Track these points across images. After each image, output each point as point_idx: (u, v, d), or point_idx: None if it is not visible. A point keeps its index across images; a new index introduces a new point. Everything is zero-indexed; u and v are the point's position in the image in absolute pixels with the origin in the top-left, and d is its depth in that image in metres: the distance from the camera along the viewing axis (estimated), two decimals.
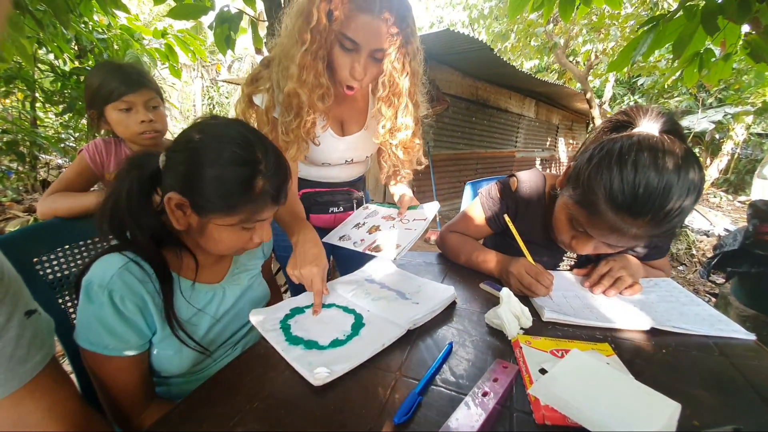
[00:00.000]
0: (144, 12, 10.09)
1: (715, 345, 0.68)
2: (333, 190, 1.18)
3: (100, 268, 0.61)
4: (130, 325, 0.61)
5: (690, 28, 1.38)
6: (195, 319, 0.71)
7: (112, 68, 1.10)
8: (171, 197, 0.62)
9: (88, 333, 0.59)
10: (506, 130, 7.10)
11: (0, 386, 0.41)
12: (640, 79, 8.87)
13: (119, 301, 0.59)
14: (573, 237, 0.84)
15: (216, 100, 11.91)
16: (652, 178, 0.66)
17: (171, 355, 0.66)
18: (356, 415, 0.49)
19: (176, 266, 0.70)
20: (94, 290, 0.59)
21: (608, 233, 0.75)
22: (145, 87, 1.10)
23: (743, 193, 8.22)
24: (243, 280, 0.82)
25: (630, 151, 0.68)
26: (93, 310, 0.59)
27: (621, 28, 6.64)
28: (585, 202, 0.75)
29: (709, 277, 2.02)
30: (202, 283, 0.74)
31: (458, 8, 11.61)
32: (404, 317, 0.70)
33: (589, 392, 0.49)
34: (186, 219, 0.65)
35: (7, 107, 3.49)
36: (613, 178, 0.69)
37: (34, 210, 3.63)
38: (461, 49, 4.27)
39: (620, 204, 0.69)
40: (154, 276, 0.64)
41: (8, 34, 1.06)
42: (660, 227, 0.69)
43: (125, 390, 0.62)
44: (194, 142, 0.63)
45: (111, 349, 0.60)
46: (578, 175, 0.77)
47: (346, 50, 0.84)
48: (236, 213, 0.64)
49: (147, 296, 0.62)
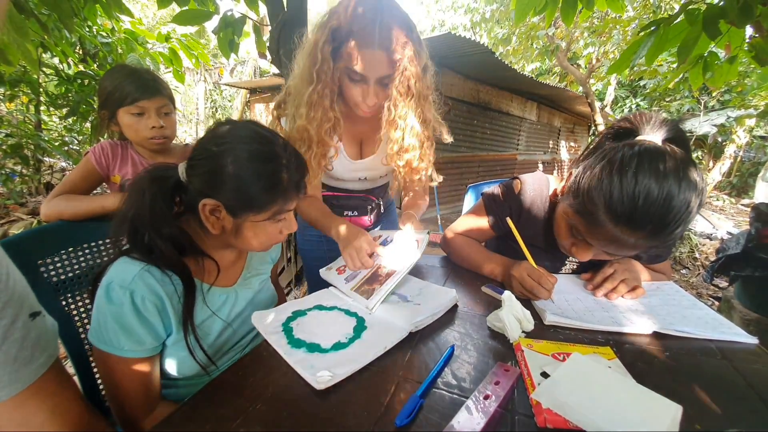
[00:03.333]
0: (147, 16, 10.17)
1: (717, 348, 0.67)
2: (349, 195, 1.21)
3: (121, 269, 0.62)
4: (148, 326, 0.62)
5: (694, 32, 1.38)
6: (208, 322, 0.72)
7: (128, 72, 1.12)
8: (205, 203, 0.64)
9: (105, 334, 0.60)
10: (508, 133, 7.11)
11: (4, 387, 0.41)
12: (642, 82, 8.87)
13: (140, 302, 0.60)
14: (573, 244, 0.84)
15: (218, 104, 11.95)
16: (653, 190, 0.64)
17: (184, 356, 0.67)
18: (358, 417, 0.49)
19: (196, 272, 0.71)
20: (115, 291, 0.60)
21: (607, 243, 0.74)
22: (159, 94, 1.12)
23: (746, 196, 8.19)
24: (254, 284, 0.84)
25: (631, 162, 0.67)
26: (112, 311, 0.59)
27: (623, 32, 6.65)
28: (584, 211, 0.74)
29: (712, 281, 2.01)
30: (216, 286, 0.75)
31: (460, 12, 11.66)
32: (406, 320, 0.70)
33: (590, 396, 0.49)
34: (220, 223, 0.67)
35: (12, 110, 3.51)
36: (614, 188, 0.68)
37: (38, 212, 3.65)
38: (463, 53, 4.29)
39: (619, 215, 0.68)
40: (175, 277, 0.65)
41: (13, 38, 1.07)
42: (659, 239, 0.69)
43: (135, 392, 0.63)
44: (216, 147, 0.65)
45: (126, 350, 0.60)
46: (578, 184, 0.76)
47: (355, 81, 0.89)
48: (269, 207, 0.68)
49: (166, 298, 0.63)
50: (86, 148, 3.27)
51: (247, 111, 8.81)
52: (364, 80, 0.88)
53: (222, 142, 0.65)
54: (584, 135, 10.96)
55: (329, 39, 0.85)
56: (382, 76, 0.88)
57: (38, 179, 3.91)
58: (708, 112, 7.97)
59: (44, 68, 2.92)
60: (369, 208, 1.24)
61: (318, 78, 0.89)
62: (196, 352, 0.67)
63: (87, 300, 0.85)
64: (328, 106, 0.92)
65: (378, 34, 0.82)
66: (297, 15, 1.81)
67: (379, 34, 0.82)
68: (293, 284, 2.73)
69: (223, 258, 0.76)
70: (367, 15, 0.82)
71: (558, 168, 9.64)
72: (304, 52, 0.92)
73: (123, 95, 1.08)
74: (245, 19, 1.86)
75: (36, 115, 3.29)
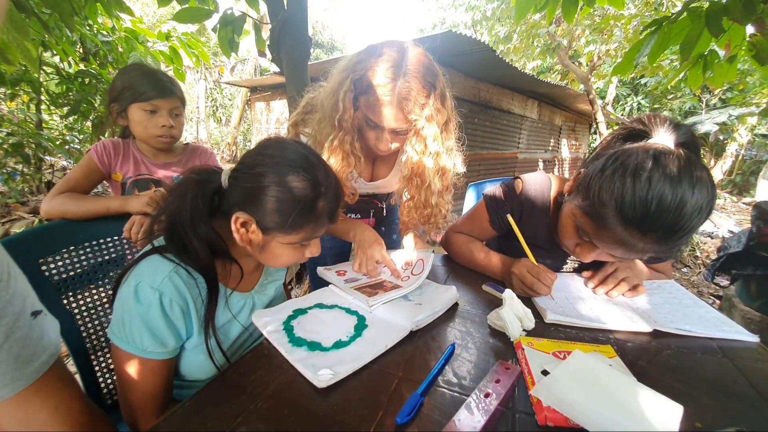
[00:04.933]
0: (148, 14, 10.16)
1: (718, 347, 0.68)
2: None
3: (150, 269, 0.63)
4: (172, 328, 0.62)
5: (696, 30, 1.37)
6: (227, 326, 0.73)
7: (146, 71, 1.15)
8: (238, 216, 0.65)
9: (129, 333, 0.60)
10: (509, 131, 7.09)
11: (6, 386, 0.41)
12: (643, 79, 8.84)
13: (168, 304, 0.61)
14: (577, 245, 0.83)
15: (219, 102, 11.94)
16: (666, 195, 0.64)
17: (203, 359, 0.68)
18: (359, 415, 0.49)
19: (222, 276, 0.72)
20: (144, 291, 0.60)
21: (614, 246, 0.73)
22: (173, 95, 1.16)
23: (748, 195, 8.17)
24: (270, 290, 0.85)
25: (645, 165, 0.66)
26: (140, 311, 0.60)
27: (624, 29, 6.63)
28: (594, 213, 0.73)
29: (713, 280, 2.01)
30: (236, 291, 0.76)
31: (461, 9, 11.63)
32: (407, 318, 0.70)
33: (591, 394, 0.50)
34: (248, 236, 0.68)
35: (13, 109, 3.52)
36: (626, 191, 0.67)
37: (39, 211, 3.65)
38: (464, 51, 4.28)
39: (630, 219, 0.67)
40: (200, 281, 0.66)
41: (14, 37, 1.07)
42: (667, 244, 0.68)
43: (149, 392, 0.63)
44: (262, 165, 0.66)
45: (149, 351, 0.61)
46: (589, 185, 0.75)
47: (371, 127, 0.91)
48: (299, 232, 0.68)
49: (191, 301, 0.64)
50: (87, 147, 3.28)
51: (248, 109, 8.80)
52: (379, 128, 0.90)
53: (269, 161, 0.66)
54: (585, 133, 10.94)
55: (351, 88, 0.87)
56: (397, 129, 0.89)
57: (39, 178, 3.91)
58: (710, 110, 7.95)
59: (45, 67, 2.91)
60: (372, 211, 1.27)
61: (339, 126, 0.91)
62: (216, 355, 0.67)
63: (88, 298, 0.85)
64: (349, 150, 0.94)
65: (396, 93, 0.82)
66: (297, 13, 1.81)
67: (397, 92, 0.82)
68: (294, 283, 2.74)
69: (247, 264, 0.78)
70: (388, 72, 0.82)
71: (559, 166, 9.62)
72: (326, 91, 0.93)
73: (139, 91, 1.11)
74: (245, 17, 1.85)
75: (37, 114, 3.29)
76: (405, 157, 0.97)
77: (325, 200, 0.68)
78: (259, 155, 0.68)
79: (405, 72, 0.82)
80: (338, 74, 0.90)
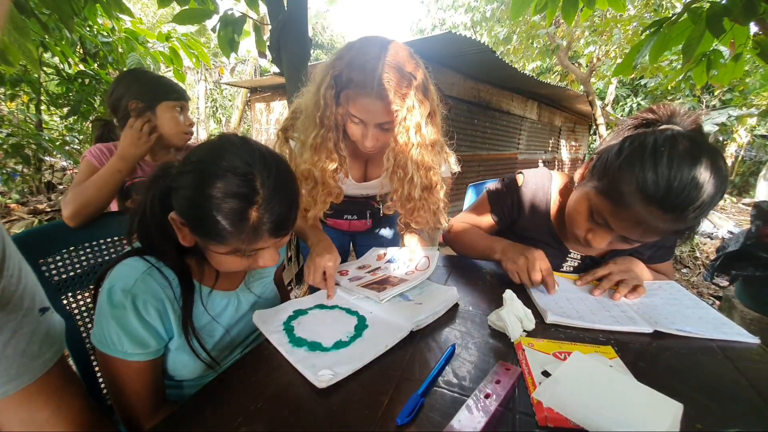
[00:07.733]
0: (148, 15, 10.16)
1: (718, 348, 0.67)
2: (350, 200, 1.20)
3: (123, 272, 0.62)
4: (150, 330, 0.62)
5: (698, 30, 1.37)
6: (210, 326, 0.72)
7: (161, 76, 1.27)
8: (173, 218, 0.63)
9: (108, 336, 0.59)
10: (508, 132, 7.09)
11: (11, 381, 0.41)
12: (643, 80, 8.85)
13: (142, 306, 0.60)
14: (589, 230, 0.83)
15: (219, 103, 11.94)
16: (687, 173, 0.66)
17: (186, 360, 0.67)
18: (359, 416, 0.49)
19: (197, 274, 0.71)
20: (117, 295, 0.59)
21: (631, 226, 0.74)
22: (189, 99, 1.26)
23: (747, 196, 8.18)
24: (257, 288, 0.83)
25: (665, 145, 0.68)
26: (115, 315, 0.59)
27: (624, 30, 6.63)
28: (612, 193, 0.75)
29: (712, 280, 2.01)
30: (218, 290, 0.75)
31: (460, 11, 11.63)
32: (407, 319, 0.70)
33: (591, 394, 0.49)
34: (190, 237, 0.64)
35: (13, 110, 3.52)
36: (647, 170, 0.68)
37: (39, 212, 3.66)
38: (463, 52, 4.28)
39: (652, 196, 0.68)
40: (175, 282, 0.65)
41: (14, 38, 1.07)
42: (685, 222, 0.70)
43: (138, 394, 0.63)
44: (199, 165, 0.60)
45: (129, 353, 0.60)
46: (605, 167, 0.76)
47: (356, 123, 0.90)
48: (229, 243, 0.61)
49: (167, 301, 0.63)
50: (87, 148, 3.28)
51: (248, 110, 8.80)
52: (363, 123, 0.89)
53: (197, 161, 0.60)
54: (585, 134, 10.93)
55: (331, 84, 0.86)
56: (381, 122, 0.88)
57: (39, 178, 3.91)
58: (709, 111, 7.95)
59: (45, 68, 2.92)
60: (368, 212, 1.27)
61: (321, 123, 0.90)
62: (200, 354, 0.66)
63: (89, 299, 0.85)
64: (332, 148, 0.94)
65: (376, 84, 0.81)
66: (297, 14, 1.81)
67: (377, 84, 0.81)
68: (294, 284, 2.74)
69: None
70: (366, 65, 0.81)
71: (559, 167, 9.62)
72: (309, 91, 0.93)
73: (172, 91, 1.20)
74: (245, 18, 1.86)
75: (37, 115, 3.29)
76: (389, 149, 0.95)
77: (260, 211, 0.59)
78: (194, 153, 0.62)
79: (384, 64, 0.82)
80: (319, 73, 0.90)
